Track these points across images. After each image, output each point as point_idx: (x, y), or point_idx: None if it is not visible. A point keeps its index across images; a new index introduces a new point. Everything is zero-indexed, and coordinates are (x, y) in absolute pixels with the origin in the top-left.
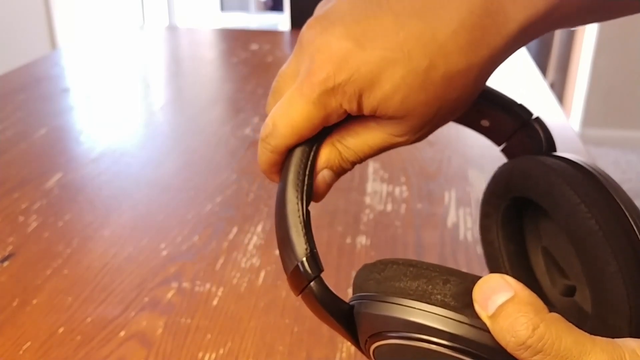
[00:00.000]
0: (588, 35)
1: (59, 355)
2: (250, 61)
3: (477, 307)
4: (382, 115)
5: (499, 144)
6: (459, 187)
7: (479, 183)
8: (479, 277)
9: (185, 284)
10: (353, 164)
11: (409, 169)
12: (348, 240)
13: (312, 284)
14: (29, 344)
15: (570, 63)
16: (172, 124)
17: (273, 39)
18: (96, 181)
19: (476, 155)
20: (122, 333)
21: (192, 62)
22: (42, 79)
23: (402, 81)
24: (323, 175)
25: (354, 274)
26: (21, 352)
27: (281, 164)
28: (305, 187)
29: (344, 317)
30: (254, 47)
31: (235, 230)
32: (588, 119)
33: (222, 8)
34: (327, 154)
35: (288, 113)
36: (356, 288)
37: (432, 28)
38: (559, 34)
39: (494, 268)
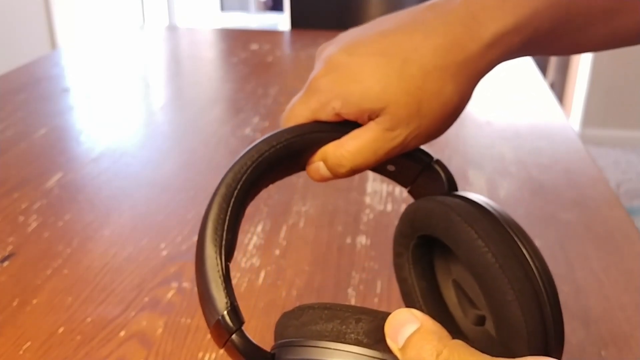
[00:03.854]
0: None
1: (59, 355)
2: (250, 61)
3: (389, 341)
4: (367, 108)
5: (405, 187)
6: (459, 187)
7: (479, 183)
8: (389, 313)
9: (185, 284)
10: (350, 169)
11: None
12: (348, 240)
13: (233, 336)
14: (29, 344)
15: (570, 63)
16: (172, 124)
17: (273, 39)
18: (96, 181)
19: (476, 155)
20: (122, 333)
21: (192, 62)
22: (42, 79)
23: (381, 75)
24: (317, 165)
25: (354, 274)
26: (21, 352)
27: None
28: (224, 242)
29: None
30: (254, 47)
31: None
32: (588, 119)
33: (222, 8)
34: (324, 151)
35: (292, 102)
36: (277, 336)
37: (409, 35)
38: None
39: (409, 303)
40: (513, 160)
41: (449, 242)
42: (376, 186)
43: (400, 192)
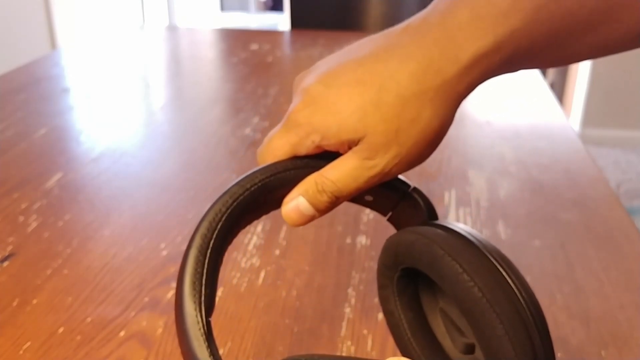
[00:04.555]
0: None
1: (59, 355)
2: (250, 61)
3: None
4: (345, 139)
5: (385, 215)
6: (459, 187)
7: (479, 183)
8: None
9: None
10: (331, 195)
11: None
12: (348, 240)
13: None
14: (29, 344)
15: None
16: (172, 124)
17: (273, 39)
18: (96, 181)
19: (476, 155)
20: (122, 333)
21: (192, 62)
22: (42, 79)
23: (358, 106)
24: (297, 202)
25: (354, 274)
26: (21, 352)
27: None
28: (203, 298)
29: None
30: (254, 47)
31: None
32: (588, 119)
33: (222, 8)
34: (304, 184)
35: (270, 135)
36: None
37: (385, 62)
38: None
39: (397, 336)
40: (513, 160)
41: (434, 276)
42: None
43: None
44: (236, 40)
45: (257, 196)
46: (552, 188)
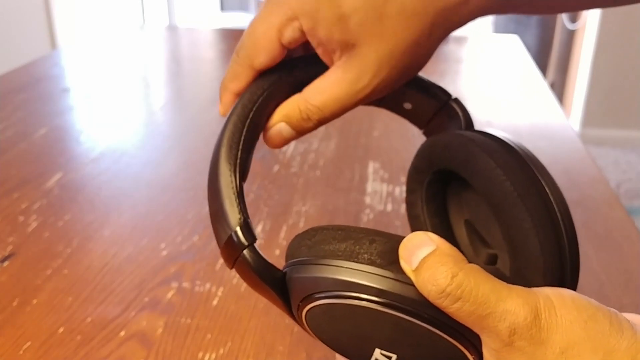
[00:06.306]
0: (588, 35)
1: (59, 355)
2: None
3: (403, 263)
4: (336, 39)
5: (421, 127)
6: None
7: None
8: (404, 237)
9: (185, 284)
10: (317, 122)
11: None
12: None
13: (245, 252)
14: (29, 344)
15: (570, 63)
16: (172, 124)
17: None
18: (96, 181)
19: None
20: (122, 333)
21: (192, 62)
22: (42, 79)
23: (360, 6)
24: (279, 127)
25: None
26: (21, 352)
27: (243, 81)
28: (238, 161)
29: (277, 285)
30: None
31: None
32: (588, 119)
33: (222, 8)
34: (286, 109)
35: (252, 24)
36: (289, 256)
37: None
38: (559, 34)
39: None
40: None
41: (466, 174)
42: (376, 186)
43: (401, 193)
44: (236, 40)
45: (300, 79)
46: None
